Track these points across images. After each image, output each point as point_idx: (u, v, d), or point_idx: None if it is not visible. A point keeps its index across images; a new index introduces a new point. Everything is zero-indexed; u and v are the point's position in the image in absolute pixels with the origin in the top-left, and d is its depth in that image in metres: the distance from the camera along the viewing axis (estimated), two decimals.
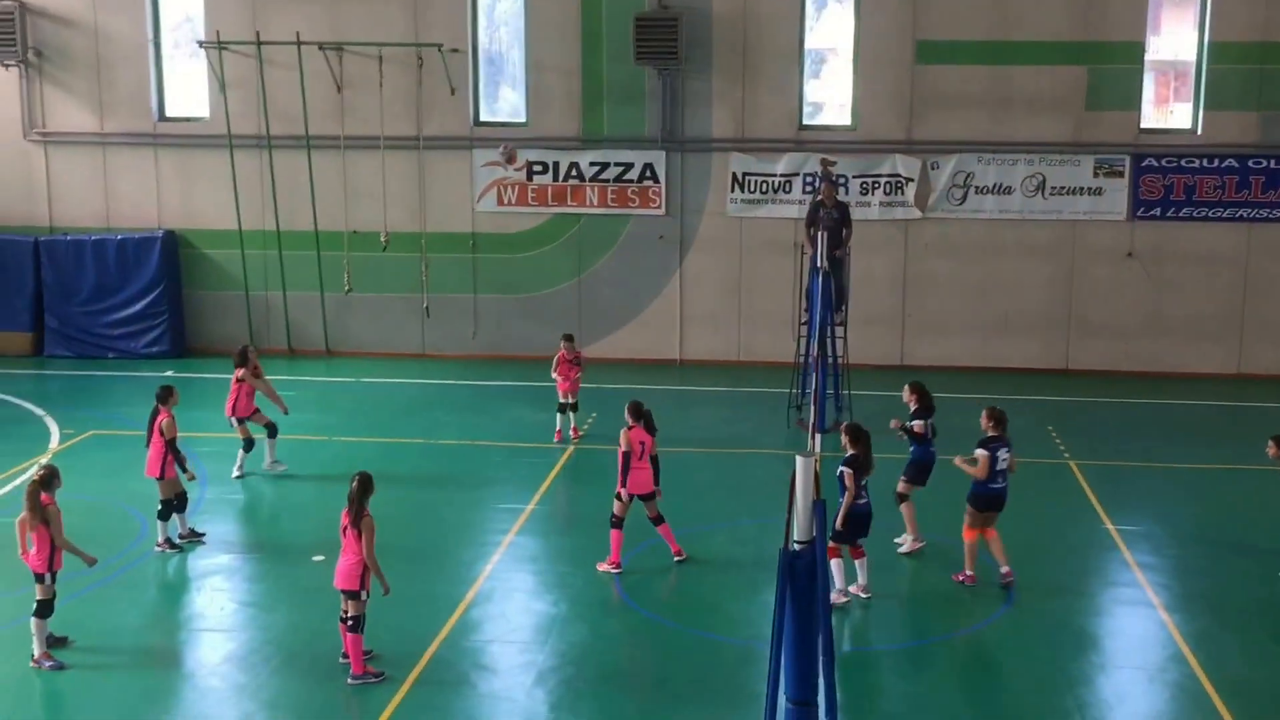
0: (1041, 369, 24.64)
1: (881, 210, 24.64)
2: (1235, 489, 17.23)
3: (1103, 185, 24.30)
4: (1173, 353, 24.54)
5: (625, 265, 25.38)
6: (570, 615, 13.34)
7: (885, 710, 11.28)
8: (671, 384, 23.86)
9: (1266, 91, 23.69)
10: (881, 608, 13.73)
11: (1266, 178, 23.96)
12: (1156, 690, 11.71)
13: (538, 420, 20.57)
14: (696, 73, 24.54)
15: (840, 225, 20.35)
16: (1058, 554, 15.17)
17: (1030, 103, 24.15)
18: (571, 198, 25.21)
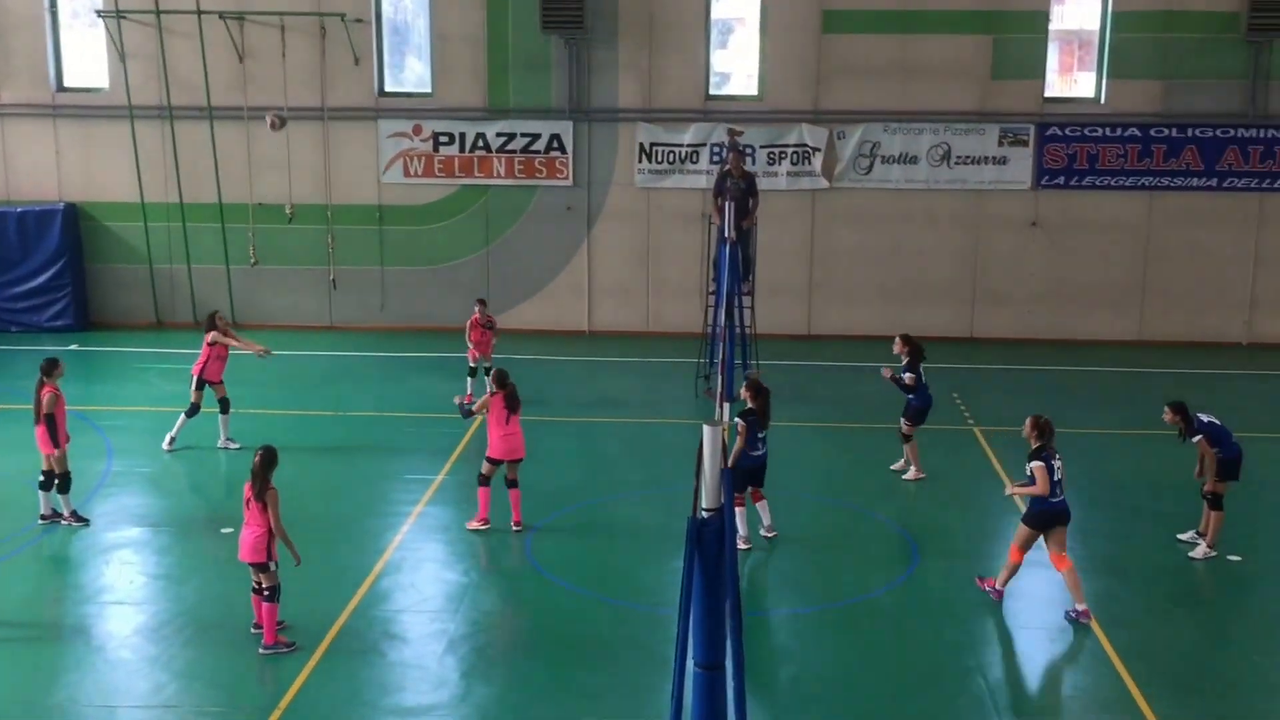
0: (948, 337, 24.95)
1: (789, 180, 24.77)
2: (1136, 453, 17.60)
3: (1007, 154, 24.63)
4: (1076, 320, 25.01)
5: (533, 236, 25.29)
6: (481, 584, 13.34)
7: (792, 673, 11.38)
8: (580, 354, 23.86)
9: (1169, 60, 24.14)
10: (789, 573, 13.87)
11: (1168, 146, 24.43)
12: (1056, 649, 11.91)
13: (447, 390, 20.38)
14: (603, 42, 24.46)
15: (747, 195, 20.41)
16: (961, 519, 15.40)
17: (936, 72, 24.38)
18: (479, 169, 25.04)
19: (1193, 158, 24.38)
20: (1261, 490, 15.86)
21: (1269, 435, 18.50)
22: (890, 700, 10.90)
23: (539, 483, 16.35)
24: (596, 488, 16.06)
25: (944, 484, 16.59)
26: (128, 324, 25.66)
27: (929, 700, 10.89)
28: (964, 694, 10.97)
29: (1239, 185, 24.46)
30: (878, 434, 18.80)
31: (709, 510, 7.01)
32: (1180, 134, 24.34)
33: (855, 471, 17.24)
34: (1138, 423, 18.52)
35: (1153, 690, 10.97)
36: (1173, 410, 14.17)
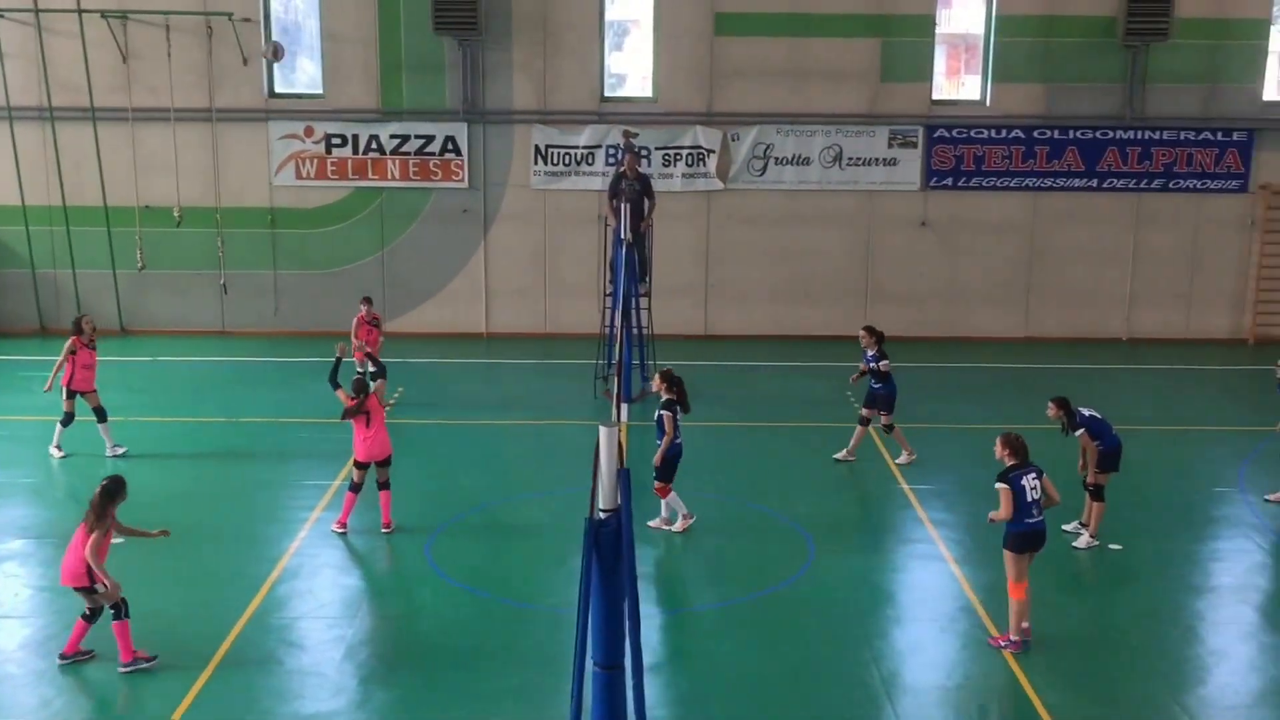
0: (840, 336, 25.27)
1: (684, 182, 24.95)
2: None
3: (897, 156, 25.05)
4: (965, 317, 25.52)
5: (429, 239, 25.19)
6: (379, 588, 13.30)
7: (691, 671, 11.46)
8: (479, 357, 23.82)
9: (1050, 64, 24.74)
10: (688, 571, 14.01)
11: (1050, 148, 25.03)
12: (948, 640, 12.14)
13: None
14: (497, 44, 24.44)
15: (643, 197, 20.52)
16: (856, 514, 15.71)
17: (827, 75, 24.72)
18: (372, 171, 24.88)
19: (1074, 159, 25.03)
20: (1141, 480, 16.33)
21: (1148, 427, 19.06)
22: (788, 694, 11.04)
23: (438, 486, 16.33)
24: (496, 490, 16.07)
25: (839, 480, 16.87)
26: (11, 331, 25.06)
27: (826, 693, 11.06)
28: (859, 686, 11.15)
29: (1118, 185, 25.15)
30: (775, 432, 19.05)
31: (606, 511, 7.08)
32: (1062, 135, 24.97)
33: (753, 469, 17.40)
34: (1024, 418, 18.92)
35: (1040, 678, 11.26)
36: (1056, 405, 14.54)
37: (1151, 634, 12.34)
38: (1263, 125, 24.94)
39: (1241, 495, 16.24)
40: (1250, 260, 25.46)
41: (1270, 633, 12.49)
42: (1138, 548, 14.47)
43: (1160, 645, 12.09)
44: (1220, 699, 11.09)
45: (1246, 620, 12.86)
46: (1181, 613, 12.90)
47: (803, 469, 17.36)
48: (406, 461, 17.19)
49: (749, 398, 21.01)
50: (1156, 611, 12.89)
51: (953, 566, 13.87)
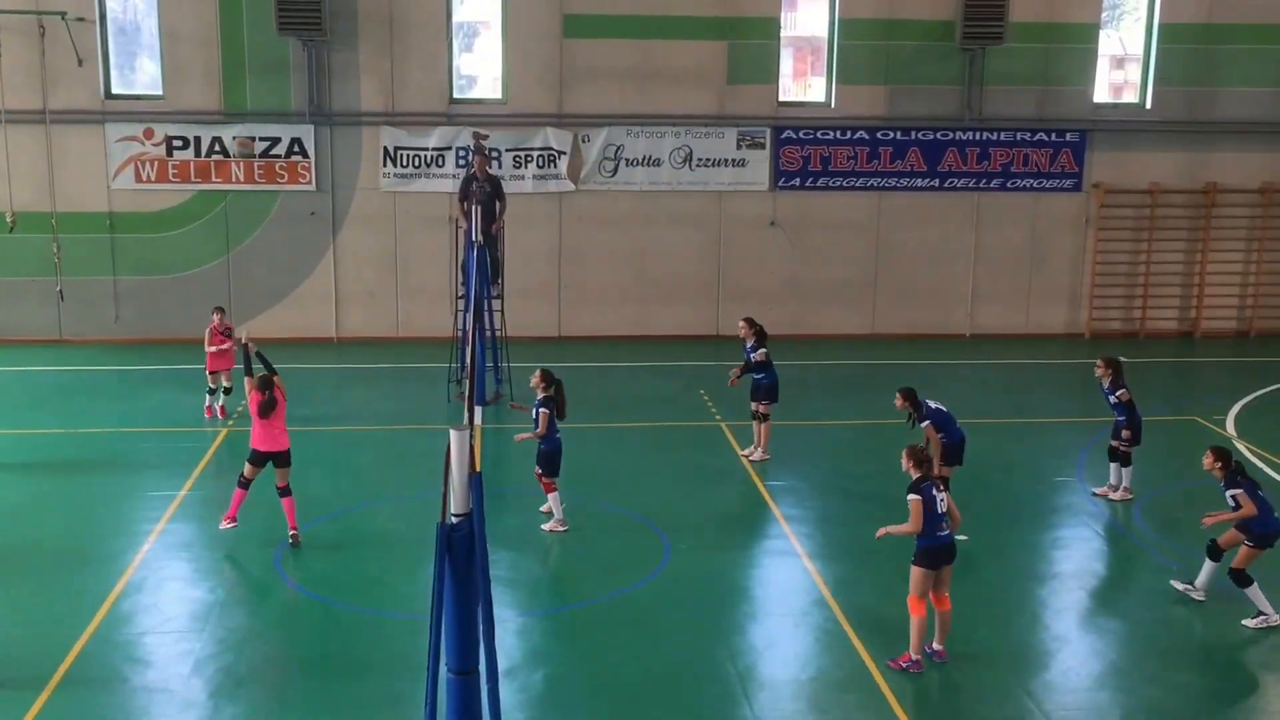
0: (693, 335, 25.56)
1: (535, 183, 24.92)
2: (871, 442, 18.36)
3: (746, 156, 25.35)
4: (813, 315, 25.93)
5: (276, 242, 24.74)
6: (228, 600, 12.98)
7: (548, 674, 11.45)
8: (329, 362, 23.48)
9: (892, 66, 25.27)
10: (544, 573, 14.00)
11: (894, 148, 25.57)
12: (802, 634, 12.33)
13: (189, 403, 19.88)
14: (343, 44, 24.11)
15: (494, 199, 20.45)
16: (711, 511, 15.79)
17: (675, 77, 24.91)
18: (216, 174, 24.33)
19: (916, 159, 25.62)
20: (984, 472, 16.79)
21: (991, 420, 19.61)
22: (645, 694, 11.09)
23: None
24: (348, 497, 15.84)
25: (694, 479, 17.01)
26: None
27: (683, 691, 11.13)
28: (716, 683, 11.25)
29: (959, 185, 25.82)
30: (629, 432, 19.13)
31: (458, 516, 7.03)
32: (904, 136, 25.54)
33: (606, 470, 17.45)
34: (873, 414, 19.36)
35: (888, 670, 11.49)
36: (903, 396, 14.91)
37: (997, 621, 12.65)
38: (1094, 126, 25.83)
39: (1080, 485, 16.79)
40: (1085, 257, 26.36)
41: (1109, 617, 12.94)
42: (983, 538, 14.81)
43: (1005, 633, 12.41)
44: (1063, 683, 11.44)
45: (1086, 606, 13.31)
46: (1026, 600, 13.27)
47: (657, 468, 17.48)
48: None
49: (603, 398, 21.06)
50: (1002, 600, 13.22)
51: (805, 562, 14.08)
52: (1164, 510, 15.93)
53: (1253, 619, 12.54)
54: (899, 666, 11.52)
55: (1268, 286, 26.79)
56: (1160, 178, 26.04)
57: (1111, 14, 26.05)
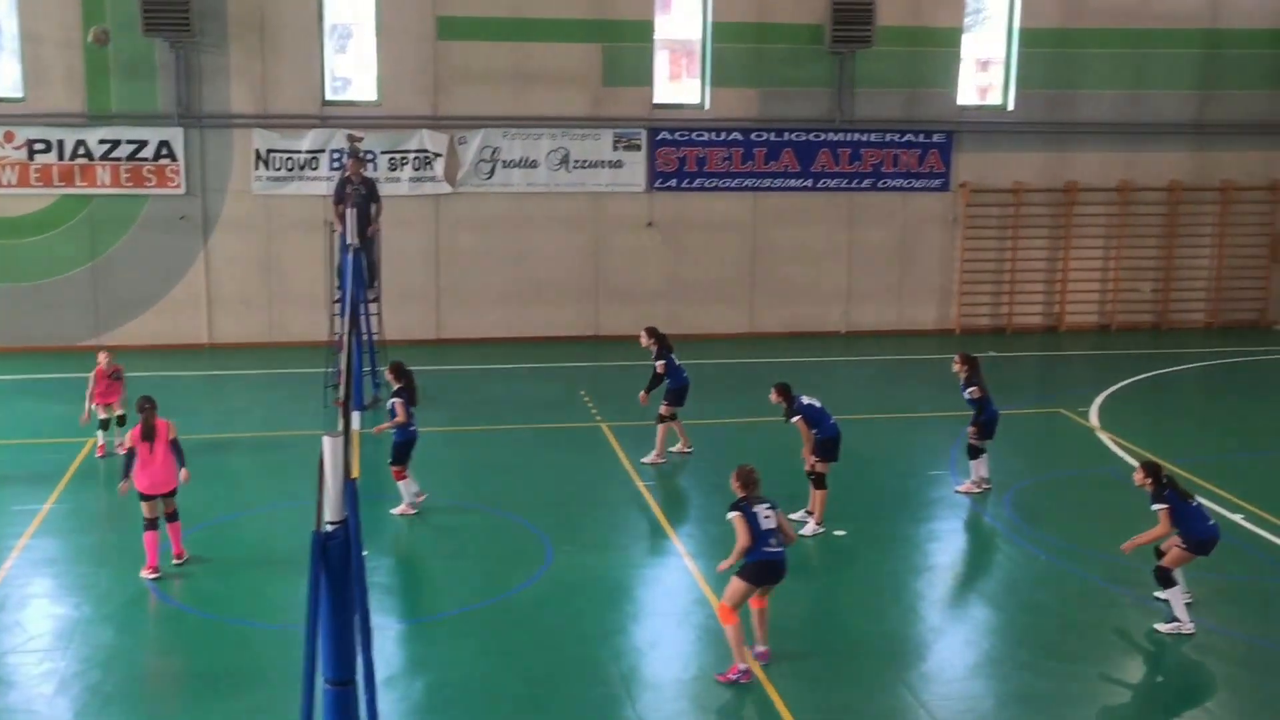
0: (573, 336, 25.58)
1: (411, 185, 24.74)
2: (751, 439, 18.56)
3: (622, 158, 25.45)
4: (692, 315, 26.11)
5: (145, 248, 24.22)
6: (95, 617, 12.61)
7: (429, 681, 11.36)
8: (202, 369, 23.03)
9: (764, 69, 25.56)
10: (424, 579, 13.95)
11: (768, 150, 25.87)
12: (684, 633, 12.40)
13: (53, 413, 19.37)
14: (213, 46, 23.69)
15: (369, 201, 20.26)
16: (593, 512, 15.82)
17: (551, 79, 24.91)
18: (81, 178, 23.72)
19: (790, 160, 25.95)
20: (861, 466, 17.06)
21: (867, 416, 19.94)
22: (528, 698, 11.06)
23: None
24: (222, 506, 15.54)
25: (575, 480, 17.02)
26: None
27: (566, 694, 11.13)
28: (599, 684, 11.26)
29: (831, 185, 26.21)
30: (509, 434, 19.10)
31: (333, 523, 6.96)
32: (778, 138, 25.85)
33: (487, 473, 17.40)
34: (752, 411, 19.56)
35: (773, 665, 11.58)
36: (777, 391, 15.10)
37: (875, 615, 12.87)
38: (960, 127, 26.42)
39: (953, 478, 17.14)
40: (953, 255, 26.93)
41: (983, 607, 13.26)
42: (859, 532, 15.10)
43: (883, 625, 12.63)
44: (939, 674, 11.66)
45: (961, 597, 13.65)
46: (903, 593, 13.52)
47: (539, 470, 17.45)
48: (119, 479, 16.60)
49: (482, 400, 21.00)
50: (880, 593, 13.46)
51: (687, 560, 14.18)
52: (1032, 500, 16.34)
53: (1166, 624, 12.53)
54: (728, 679, 11.32)
55: (1126, 281, 27.63)
56: (1023, 177, 26.73)
57: (975, 18, 26.64)
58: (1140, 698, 11.51)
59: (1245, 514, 15.70)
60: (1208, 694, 11.44)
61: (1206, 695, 11.42)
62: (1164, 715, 11.20)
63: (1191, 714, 11.13)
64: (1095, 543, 13.35)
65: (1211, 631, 12.50)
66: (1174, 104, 26.98)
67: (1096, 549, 13.55)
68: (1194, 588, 12.97)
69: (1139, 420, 20.35)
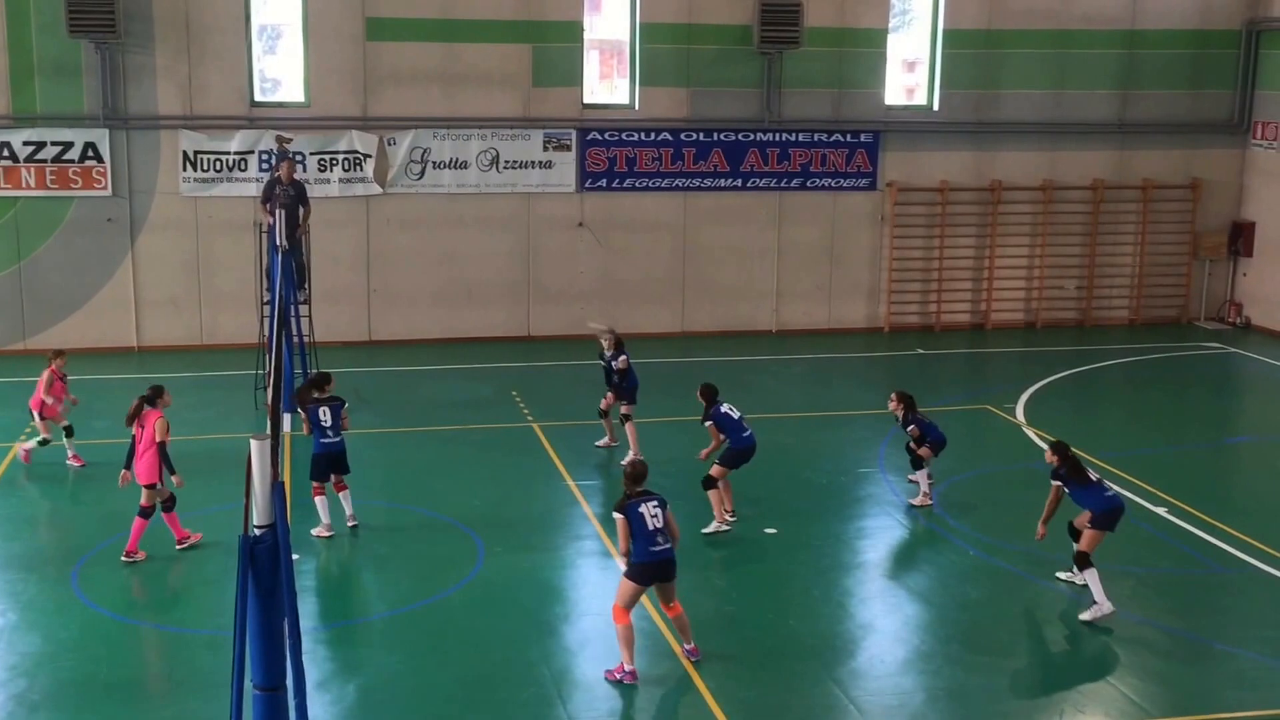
0: (505, 336, 25.56)
1: (341, 187, 24.61)
2: (679, 439, 18.60)
3: (553, 159, 25.46)
4: (625, 314, 26.01)
5: (71, 250, 23.89)
6: (20, 624, 12.51)
7: (361, 685, 11.38)
8: (129, 372, 22.72)
9: (693, 69, 25.66)
10: (356, 581, 13.95)
11: (697, 150, 25.99)
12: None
13: None
14: (138, 47, 23.41)
15: (298, 203, 20.15)
16: (525, 512, 15.89)
17: (481, 79, 24.88)
18: (5, 180, 23.39)
19: (720, 160, 26.09)
20: (792, 464, 17.28)
21: (797, 414, 20.15)
22: (460, 700, 11.12)
23: (84, 510, 15.61)
24: None
25: (506, 481, 17.06)
26: None
27: (498, 696, 11.19)
28: (531, 685, 11.35)
29: (761, 185, 26.38)
30: (440, 435, 19.10)
31: (261, 527, 6.96)
32: (707, 138, 25.97)
33: (419, 474, 17.40)
34: (682, 410, 19.61)
35: (704, 664, 11.72)
36: (701, 393, 15.28)
37: (806, 612, 13.07)
38: (886, 127, 26.67)
39: (882, 475, 17.37)
40: (881, 254, 27.20)
41: (912, 603, 13.46)
42: (789, 530, 15.27)
43: (813, 623, 12.81)
44: (869, 670, 11.87)
45: (891, 593, 13.83)
46: (832, 590, 13.72)
47: (470, 471, 17.48)
48: (47, 485, 16.43)
49: (414, 402, 20.96)
50: (809, 590, 13.65)
51: (618, 560, 14.19)
52: (961, 496, 16.58)
53: (1088, 610, 12.79)
54: (614, 677, 11.44)
55: (1051, 279, 28.05)
56: (949, 176, 27.05)
57: (900, 19, 26.92)
58: (1067, 689, 11.72)
59: (1169, 507, 16.07)
60: (1132, 683, 11.69)
61: (1131, 685, 11.67)
62: (1090, 705, 11.43)
63: (1118, 704, 11.36)
64: (1023, 538, 13.56)
65: (1136, 623, 12.79)
66: (1096, 104, 27.42)
67: (1024, 543, 13.77)
68: (1119, 581, 13.26)
69: (1065, 415, 20.71)
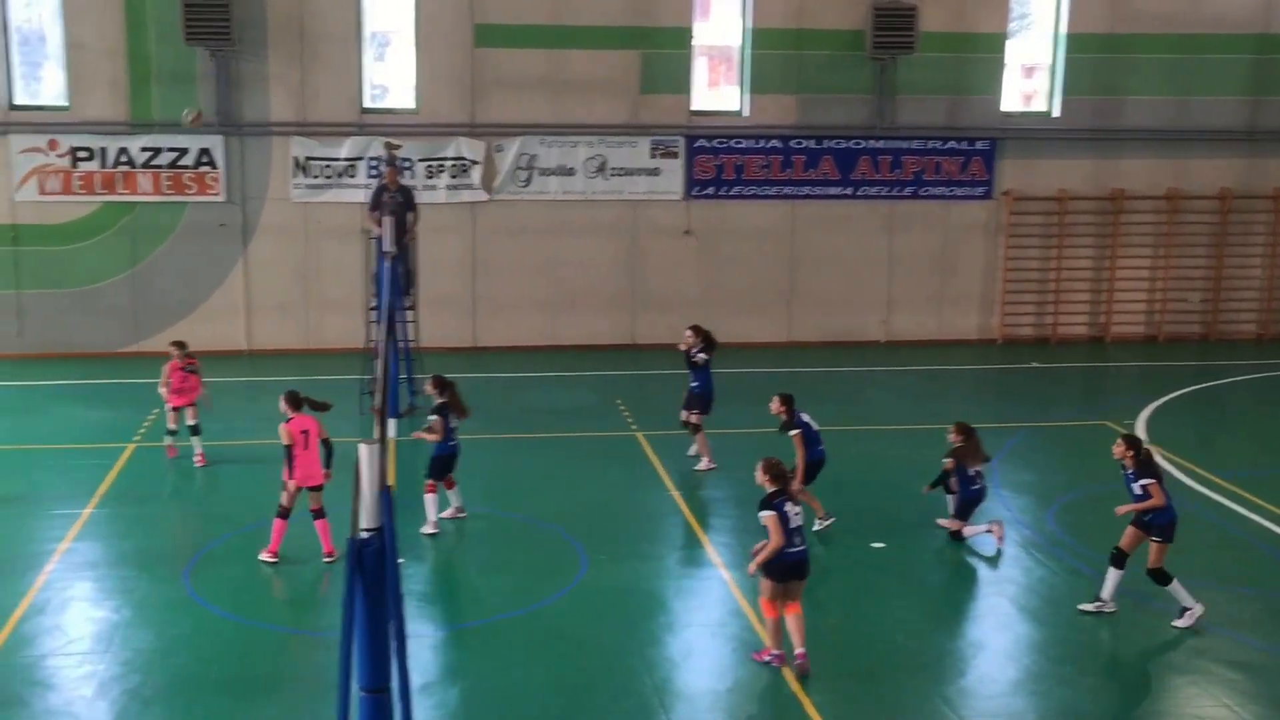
0: (609, 344, 25.54)
1: (449, 193, 24.77)
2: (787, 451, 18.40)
3: (660, 165, 25.40)
4: (730, 323, 25.81)
5: (185, 254, 24.37)
6: (135, 620, 12.67)
7: (464, 689, 11.36)
8: (240, 374, 23.12)
9: (804, 76, 25.46)
10: (459, 587, 13.96)
11: (807, 157, 25.76)
12: (718, 644, 12.31)
13: (95, 419, 19.59)
14: (252, 54, 23.82)
15: (405, 209, 20.30)
16: (627, 522, 15.77)
17: (588, 86, 24.90)
18: (123, 185, 23.90)
19: (829, 167, 25.82)
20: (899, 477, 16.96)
21: (905, 426, 19.78)
22: (561, 707, 11.03)
23: (196, 510, 15.84)
24: (257, 512, 15.40)
25: (610, 489, 16.97)
26: None
27: (599, 704, 11.08)
28: (632, 695, 11.22)
29: (872, 193, 26.06)
30: (545, 443, 19.10)
31: (369, 530, 6.94)
32: (817, 145, 25.72)
33: (523, 481, 17.39)
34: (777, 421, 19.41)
35: (806, 677, 11.46)
36: (781, 400, 15.09)
37: (913, 629, 12.75)
38: (1003, 134, 26.21)
39: (994, 490, 16.94)
40: (996, 264, 26.72)
41: (1023, 622, 13.08)
42: (899, 544, 14.99)
43: (921, 639, 12.49)
44: (979, 689, 11.52)
45: (1002, 611, 13.43)
46: (942, 607, 13.45)
47: (574, 479, 17.44)
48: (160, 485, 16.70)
49: (518, 409, 20.98)
50: (918, 606, 13.35)
51: (722, 572, 14.10)
52: (1076, 515, 16.15)
53: (1179, 618, 12.59)
54: (761, 659, 11.66)
55: (1174, 292, 27.31)
56: (1068, 185, 26.48)
57: (1020, 24, 26.44)
58: (1181, 716, 11.30)
59: None
60: (1255, 711, 11.22)
61: (1254, 713, 11.19)
62: None
63: None
64: (1138, 559, 13.10)
65: (1259, 649, 12.32)
66: (1224, 110, 26.67)
67: (1139, 564, 13.30)
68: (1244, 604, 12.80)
69: (1187, 433, 20.09)
